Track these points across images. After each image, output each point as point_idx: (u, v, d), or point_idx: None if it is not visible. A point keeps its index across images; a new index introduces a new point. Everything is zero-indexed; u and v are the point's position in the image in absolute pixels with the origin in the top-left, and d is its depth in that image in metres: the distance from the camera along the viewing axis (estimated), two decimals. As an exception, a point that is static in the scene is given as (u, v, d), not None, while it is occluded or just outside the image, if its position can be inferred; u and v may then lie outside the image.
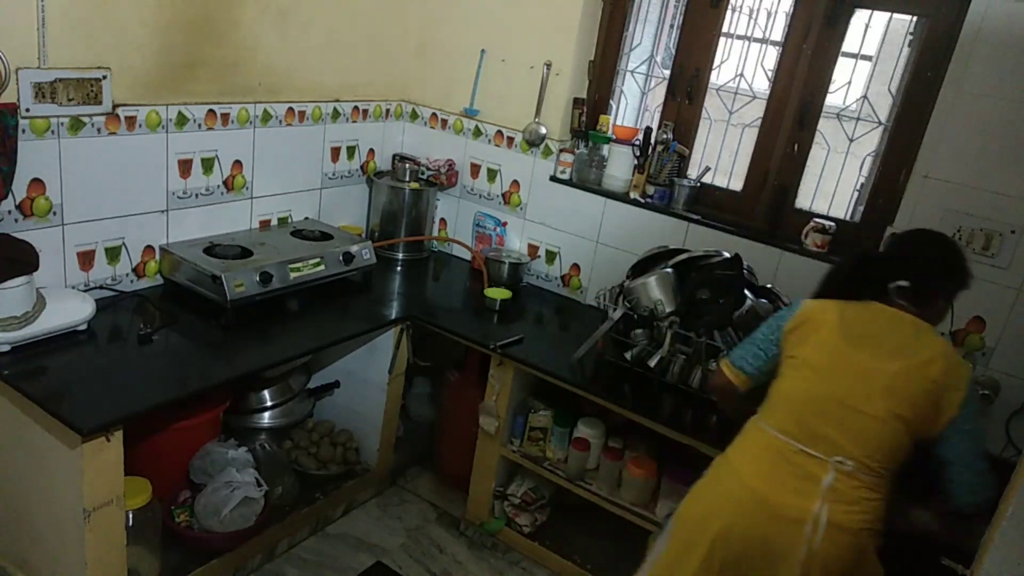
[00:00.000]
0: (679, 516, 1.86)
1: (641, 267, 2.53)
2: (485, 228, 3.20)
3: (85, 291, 2.26)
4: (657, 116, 2.89)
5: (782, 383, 1.82)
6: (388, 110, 3.19)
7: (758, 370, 1.92)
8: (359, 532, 2.70)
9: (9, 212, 2.05)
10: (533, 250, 3.11)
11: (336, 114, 2.94)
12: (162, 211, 2.44)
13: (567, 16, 2.81)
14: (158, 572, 2.19)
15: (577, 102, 2.93)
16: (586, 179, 2.96)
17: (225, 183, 2.61)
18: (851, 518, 1.65)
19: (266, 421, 2.67)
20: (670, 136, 2.77)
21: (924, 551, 1.86)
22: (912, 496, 1.76)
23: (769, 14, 2.66)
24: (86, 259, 2.28)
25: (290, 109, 2.74)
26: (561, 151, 2.96)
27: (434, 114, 3.22)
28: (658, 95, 2.95)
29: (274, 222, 2.85)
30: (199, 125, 2.45)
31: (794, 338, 1.83)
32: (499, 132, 3.07)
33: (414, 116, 3.27)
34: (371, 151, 3.19)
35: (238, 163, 2.63)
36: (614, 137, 2.88)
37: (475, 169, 3.18)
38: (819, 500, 1.64)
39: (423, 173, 3.16)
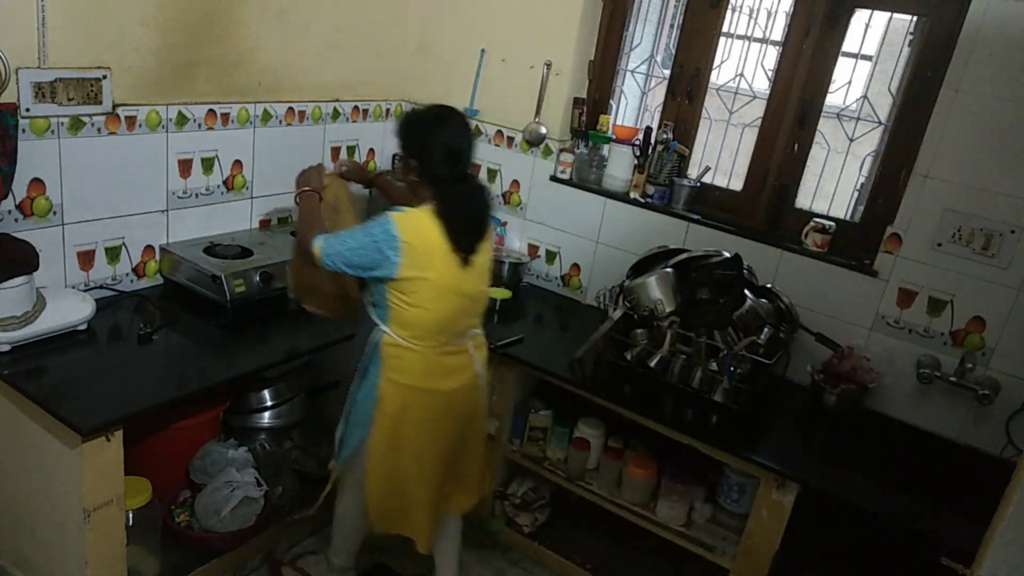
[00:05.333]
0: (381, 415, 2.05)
1: (641, 267, 2.53)
2: (485, 228, 3.20)
3: (85, 291, 2.26)
4: (657, 116, 2.89)
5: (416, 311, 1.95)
6: (388, 110, 3.19)
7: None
8: (359, 532, 2.69)
9: (9, 212, 2.05)
10: (533, 250, 3.11)
11: (336, 114, 2.94)
12: (162, 211, 2.45)
13: (567, 16, 2.81)
14: (158, 572, 2.19)
15: (577, 102, 2.93)
16: (586, 179, 2.96)
17: (225, 183, 2.61)
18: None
19: (266, 421, 2.67)
20: (670, 136, 2.77)
21: (924, 550, 1.86)
22: None
23: (769, 14, 2.66)
24: (86, 259, 2.28)
25: (290, 109, 2.74)
26: (561, 151, 2.96)
27: (434, 114, 3.21)
28: (658, 95, 2.95)
29: (274, 222, 2.85)
30: (199, 125, 2.45)
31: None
32: (499, 132, 3.07)
33: (414, 116, 3.27)
34: (371, 151, 3.19)
35: (238, 163, 2.63)
36: (614, 137, 2.88)
37: (475, 169, 3.18)
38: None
39: (423, 173, 3.15)
